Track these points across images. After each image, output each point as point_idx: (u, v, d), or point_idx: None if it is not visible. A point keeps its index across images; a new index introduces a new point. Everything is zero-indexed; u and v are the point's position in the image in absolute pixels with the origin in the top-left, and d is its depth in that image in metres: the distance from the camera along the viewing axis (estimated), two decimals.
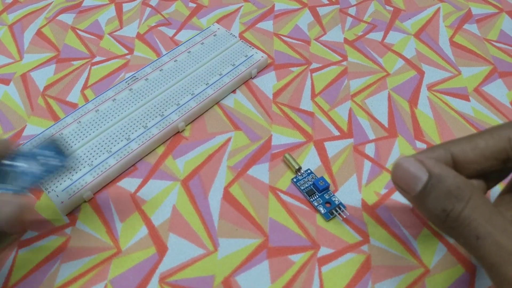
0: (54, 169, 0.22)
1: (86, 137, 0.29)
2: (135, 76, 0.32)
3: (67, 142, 0.28)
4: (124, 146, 0.28)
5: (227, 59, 0.34)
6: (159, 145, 0.30)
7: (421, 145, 0.29)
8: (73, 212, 0.27)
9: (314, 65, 0.35)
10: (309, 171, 0.28)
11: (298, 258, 0.25)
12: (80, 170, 0.27)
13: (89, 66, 0.35)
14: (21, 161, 0.21)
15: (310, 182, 0.27)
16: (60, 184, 0.26)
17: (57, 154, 0.22)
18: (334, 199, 0.26)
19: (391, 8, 0.40)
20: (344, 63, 0.35)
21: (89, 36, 0.37)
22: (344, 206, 0.26)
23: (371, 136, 0.30)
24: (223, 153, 0.29)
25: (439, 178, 0.19)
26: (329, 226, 0.26)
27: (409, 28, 0.38)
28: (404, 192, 0.20)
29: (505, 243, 0.17)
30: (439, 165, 0.19)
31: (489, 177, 0.21)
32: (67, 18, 0.39)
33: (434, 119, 0.31)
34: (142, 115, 0.30)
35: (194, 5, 0.40)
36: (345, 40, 0.37)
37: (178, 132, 0.30)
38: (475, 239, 0.18)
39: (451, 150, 0.21)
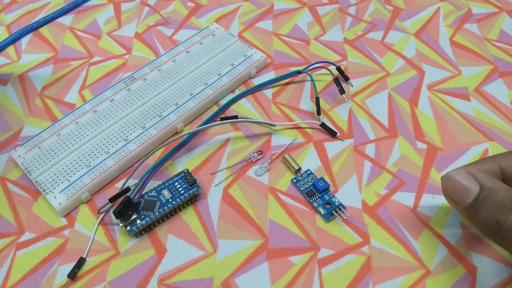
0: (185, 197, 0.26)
1: (84, 138, 0.29)
2: (133, 76, 0.32)
3: (65, 142, 0.28)
4: (122, 147, 0.28)
5: (226, 59, 0.33)
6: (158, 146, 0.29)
7: (422, 145, 0.29)
8: (71, 213, 0.26)
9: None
10: (309, 172, 0.28)
11: (298, 260, 0.24)
12: (78, 171, 0.27)
13: (87, 66, 0.34)
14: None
15: (310, 183, 0.27)
16: (58, 185, 0.26)
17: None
18: (334, 200, 0.26)
19: (391, 8, 0.39)
20: (344, 62, 0.35)
21: (87, 36, 0.37)
22: (344, 207, 0.26)
23: (371, 136, 0.30)
24: (222, 153, 0.29)
25: (491, 190, 0.20)
26: (329, 227, 0.26)
27: (409, 27, 0.38)
28: (455, 203, 0.21)
29: None
30: (490, 178, 0.20)
31: None
32: (65, 18, 0.38)
33: (434, 119, 0.31)
34: (140, 115, 0.30)
35: (193, 4, 0.40)
36: (345, 39, 0.37)
37: (177, 132, 0.30)
38: None
39: (500, 164, 0.22)
